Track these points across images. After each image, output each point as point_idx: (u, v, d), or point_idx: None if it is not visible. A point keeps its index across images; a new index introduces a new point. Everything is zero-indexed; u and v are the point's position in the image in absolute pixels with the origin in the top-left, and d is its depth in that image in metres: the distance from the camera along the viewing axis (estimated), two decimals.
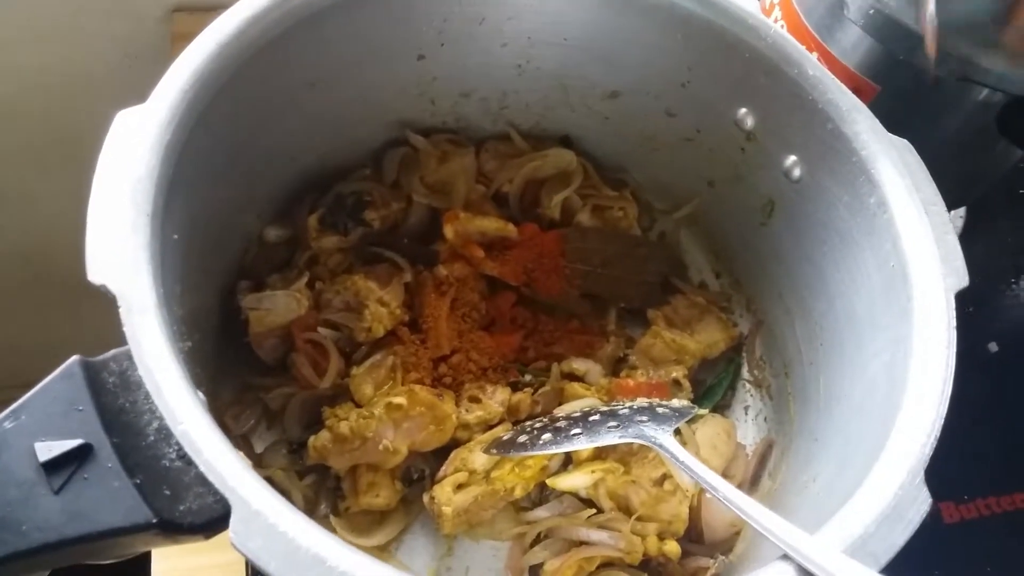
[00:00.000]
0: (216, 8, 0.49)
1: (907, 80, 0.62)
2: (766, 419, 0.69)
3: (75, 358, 0.39)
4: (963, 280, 0.49)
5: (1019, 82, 0.60)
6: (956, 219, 0.82)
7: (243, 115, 0.53)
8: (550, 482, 0.60)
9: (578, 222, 0.72)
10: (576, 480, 0.59)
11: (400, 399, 0.58)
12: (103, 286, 0.39)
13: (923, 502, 0.41)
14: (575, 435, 0.55)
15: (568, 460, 0.62)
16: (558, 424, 0.58)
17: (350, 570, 0.35)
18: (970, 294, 0.48)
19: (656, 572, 0.60)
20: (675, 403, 0.59)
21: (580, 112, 0.70)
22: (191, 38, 0.48)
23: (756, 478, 0.65)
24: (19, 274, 1.16)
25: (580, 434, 0.55)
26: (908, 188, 0.51)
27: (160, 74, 0.46)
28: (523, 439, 0.57)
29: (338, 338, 0.63)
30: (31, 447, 0.37)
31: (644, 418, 0.54)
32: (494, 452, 0.58)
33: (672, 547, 0.58)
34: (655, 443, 0.51)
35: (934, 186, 0.52)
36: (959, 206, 0.81)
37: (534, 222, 0.71)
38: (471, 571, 0.61)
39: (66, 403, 0.38)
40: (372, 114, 0.67)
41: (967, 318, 0.47)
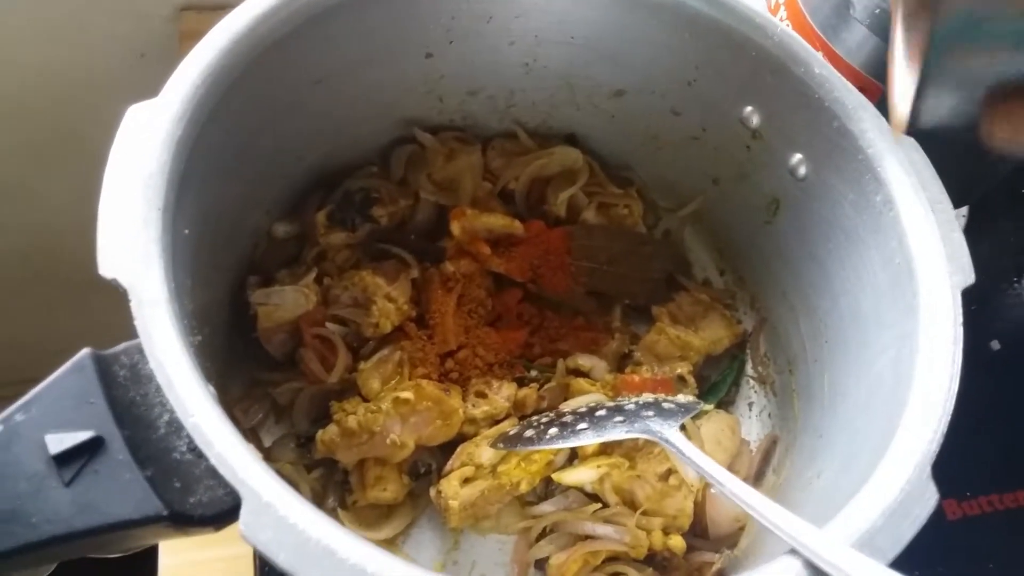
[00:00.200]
0: (224, 7, 0.49)
1: None
2: (770, 415, 0.69)
3: (86, 351, 0.39)
4: (969, 277, 0.49)
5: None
6: (958, 219, 0.82)
7: (252, 112, 0.53)
8: (556, 477, 0.60)
9: (584, 219, 0.72)
10: (582, 475, 0.60)
11: (407, 394, 0.58)
12: (114, 280, 0.39)
13: (930, 497, 0.41)
14: (581, 430, 0.55)
15: (574, 455, 0.62)
16: (564, 419, 0.58)
17: (360, 562, 0.35)
18: (973, 293, 0.48)
19: (661, 566, 0.60)
20: (680, 399, 0.59)
21: (586, 110, 0.70)
22: (199, 36, 0.48)
23: (760, 474, 0.65)
24: (27, 270, 1.16)
25: (587, 429, 0.55)
26: (914, 186, 0.51)
27: (167, 72, 0.46)
28: (529, 434, 0.57)
29: (346, 333, 0.63)
30: (42, 439, 0.37)
31: (650, 413, 0.54)
32: (501, 446, 0.58)
33: (677, 541, 0.59)
34: (661, 438, 0.51)
35: (940, 184, 0.52)
36: (961, 206, 0.81)
37: (540, 219, 0.71)
38: (477, 565, 0.62)
39: (77, 396, 0.38)
40: (380, 112, 0.67)
41: (970, 316, 0.47)
